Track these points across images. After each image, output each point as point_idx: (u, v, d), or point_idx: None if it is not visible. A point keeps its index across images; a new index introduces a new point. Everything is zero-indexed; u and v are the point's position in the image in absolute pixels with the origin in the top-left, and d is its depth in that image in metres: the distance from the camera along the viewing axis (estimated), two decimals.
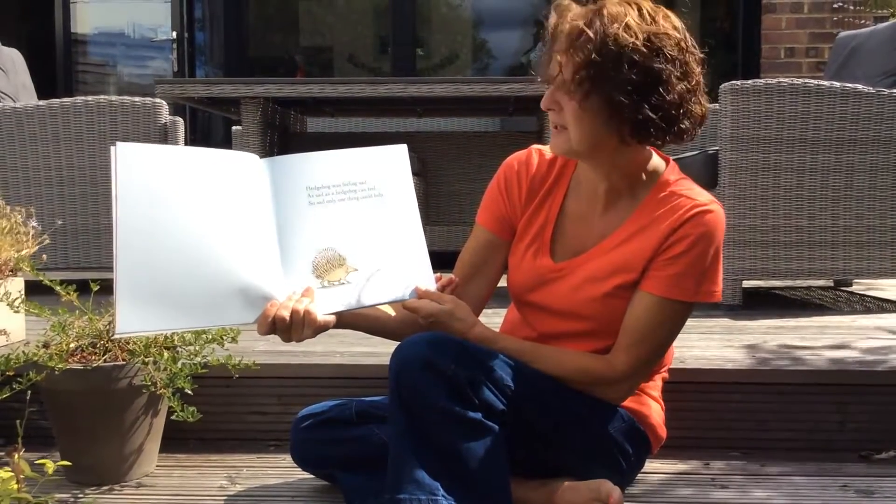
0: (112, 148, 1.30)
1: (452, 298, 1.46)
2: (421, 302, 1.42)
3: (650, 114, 1.36)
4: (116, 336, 1.36)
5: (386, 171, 1.45)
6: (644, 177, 1.50)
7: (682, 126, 1.41)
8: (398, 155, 1.47)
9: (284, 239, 1.39)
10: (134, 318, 1.28)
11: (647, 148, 1.49)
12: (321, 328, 1.36)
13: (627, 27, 1.34)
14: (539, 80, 1.47)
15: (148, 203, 1.31)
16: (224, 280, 1.33)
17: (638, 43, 1.34)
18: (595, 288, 1.48)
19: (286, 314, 1.33)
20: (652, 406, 1.57)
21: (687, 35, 1.41)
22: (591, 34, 1.34)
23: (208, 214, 1.34)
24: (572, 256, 1.53)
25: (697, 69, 1.41)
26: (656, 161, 1.51)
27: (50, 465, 1.44)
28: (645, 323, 1.45)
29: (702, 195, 1.47)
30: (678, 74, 1.37)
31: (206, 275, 1.32)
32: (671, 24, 1.39)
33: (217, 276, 1.33)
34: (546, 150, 1.59)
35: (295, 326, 1.34)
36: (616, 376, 1.47)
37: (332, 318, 1.38)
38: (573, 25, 1.36)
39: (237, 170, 1.38)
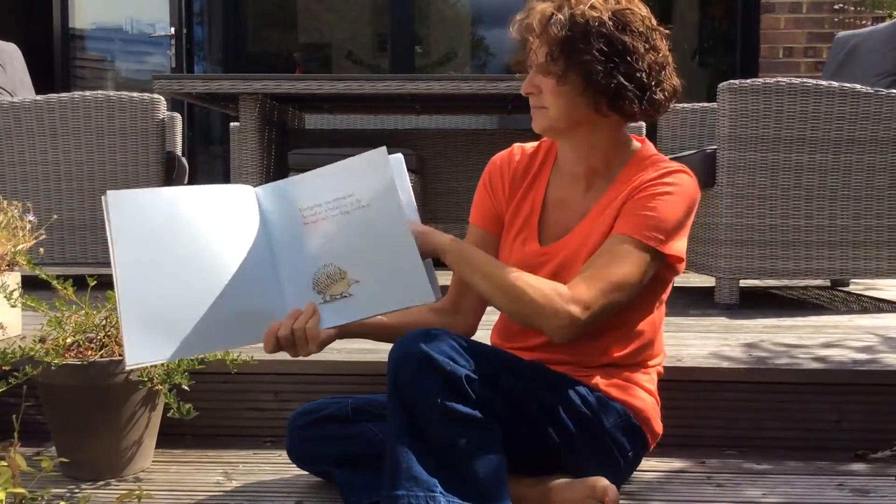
0: (102, 197, 1.34)
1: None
2: None
3: (623, 81, 1.44)
4: (127, 369, 1.40)
5: (368, 179, 1.41)
6: (621, 157, 1.56)
7: (656, 97, 1.48)
8: (378, 160, 1.41)
9: (284, 260, 1.42)
10: (142, 351, 1.33)
11: (624, 130, 1.56)
12: (325, 342, 1.41)
13: (593, 7, 1.45)
14: (517, 73, 1.57)
15: (143, 245, 1.35)
16: (225, 307, 1.37)
17: (604, 17, 1.44)
18: (580, 264, 1.49)
19: (288, 332, 1.37)
20: (646, 399, 1.57)
21: (651, 15, 1.51)
22: (560, 15, 1.45)
23: (204, 248, 1.38)
24: (558, 239, 1.56)
25: (664, 45, 1.50)
26: (633, 143, 1.58)
27: (47, 462, 1.44)
28: (601, 257, 1.45)
29: (674, 163, 1.52)
30: (646, 47, 1.47)
31: (208, 304, 1.36)
32: (635, 4, 1.49)
33: (218, 304, 1.37)
34: (528, 145, 1.67)
35: (298, 343, 1.39)
36: (571, 295, 1.41)
37: (334, 332, 1.42)
38: (543, 11, 1.47)
39: (230, 202, 1.42)
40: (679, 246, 1.49)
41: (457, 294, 1.64)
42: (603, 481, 1.46)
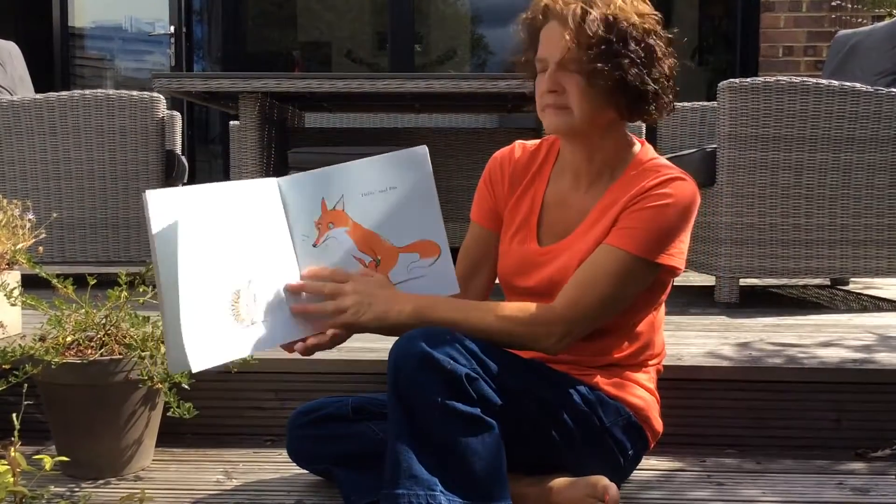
0: (143, 195, 1.31)
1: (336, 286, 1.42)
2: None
3: (653, 85, 1.45)
4: (194, 371, 1.38)
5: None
6: (622, 158, 1.55)
7: (669, 97, 1.50)
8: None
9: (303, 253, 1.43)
10: (203, 356, 1.29)
11: (624, 130, 1.55)
12: (335, 340, 1.44)
13: (623, 9, 1.43)
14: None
15: (187, 244, 1.32)
16: (260, 303, 1.37)
17: (636, 20, 1.43)
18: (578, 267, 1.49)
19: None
20: (646, 398, 1.57)
21: None
22: (595, 14, 1.41)
23: (238, 245, 1.36)
24: (558, 240, 1.55)
25: (669, 49, 1.51)
26: (634, 143, 1.57)
27: (48, 461, 1.44)
28: (590, 269, 1.45)
29: (673, 169, 1.51)
30: (664, 51, 1.47)
31: (245, 304, 1.35)
32: (650, 7, 1.49)
33: (254, 301, 1.36)
34: (529, 142, 1.66)
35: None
36: (554, 316, 1.43)
37: (344, 330, 1.43)
38: (573, 9, 1.43)
39: (258, 196, 1.41)
40: (676, 254, 1.47)
41: (461, 285, 1.64)
42: (603, 480, 1.46)
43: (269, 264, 1.39)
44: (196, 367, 1.28)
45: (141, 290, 1.74)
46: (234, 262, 1.35)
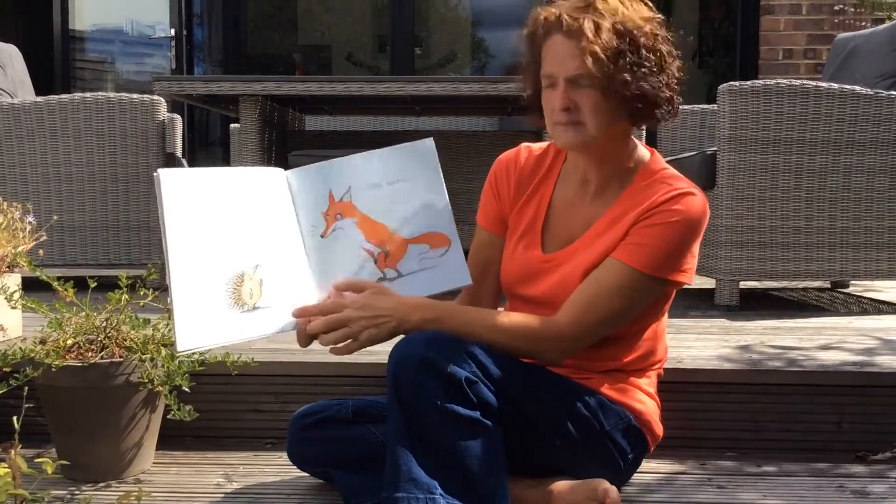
0: (155, 175, 1.32)
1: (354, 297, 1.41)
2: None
3: (667, 91, 1.44)
4: (179, 353, 1.38)
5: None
6: (630, 165, 1.53)
7: (679, 100, 1.49)
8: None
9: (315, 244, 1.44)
10: (193, 336, 1.30)
11: (632, 138, 1.54)
12: None
13: (628, 15, 1.40)
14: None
15: (194, 224, 1.34)
16: (267, 289, 1.37)
17: (645, 26, 1.41)
18: (582, 278, 1.49)
19: (320, 325, 1.38)
20: (646, 402, 1.57)
21: None
22: (607, 25, 1.38)
23: (247, 229, 1.38)
24: (562, 247, 1.54)
25: (676, 50, 1.50)
26: (641, 150, 1.55)
27: (49, 465, 1.43)
28: (597, 285, 1.45)
29: (683, 182, 1.50)
30: (671, 54, 1.46)
31: (248, 286, 1.36)
32: (648, 8, 1.46)
33: (259, 286, 1.37)
34: (535, 146, 1.63)
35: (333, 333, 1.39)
36: (557, 332, 1.44)
37: None
38: (585, 22, 1.38)
39: (266, 184, 1.42)
40: (686, 270, 1.47)
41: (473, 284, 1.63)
42: (604, 483, 1.46)
43: (276, 251, 1.40)
44: (182, 347, 1.29)
45: (141, 293, 1.74)
46: (238, 246, 1.36)
